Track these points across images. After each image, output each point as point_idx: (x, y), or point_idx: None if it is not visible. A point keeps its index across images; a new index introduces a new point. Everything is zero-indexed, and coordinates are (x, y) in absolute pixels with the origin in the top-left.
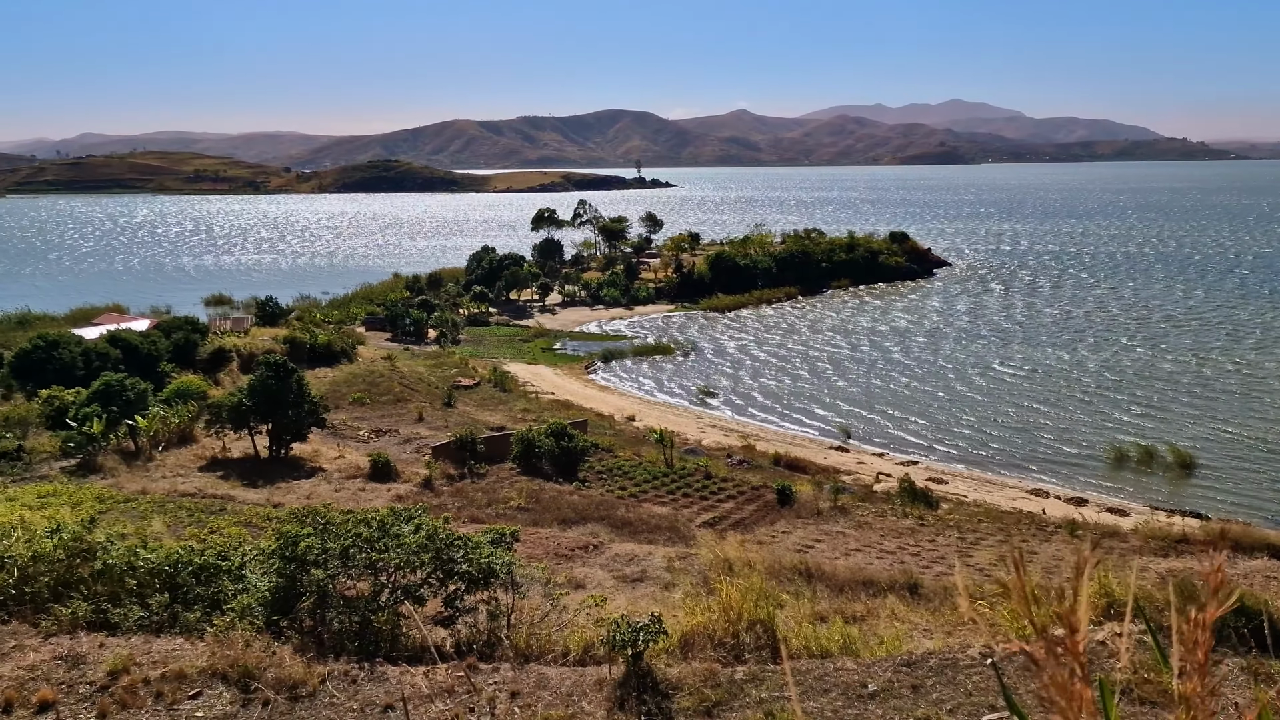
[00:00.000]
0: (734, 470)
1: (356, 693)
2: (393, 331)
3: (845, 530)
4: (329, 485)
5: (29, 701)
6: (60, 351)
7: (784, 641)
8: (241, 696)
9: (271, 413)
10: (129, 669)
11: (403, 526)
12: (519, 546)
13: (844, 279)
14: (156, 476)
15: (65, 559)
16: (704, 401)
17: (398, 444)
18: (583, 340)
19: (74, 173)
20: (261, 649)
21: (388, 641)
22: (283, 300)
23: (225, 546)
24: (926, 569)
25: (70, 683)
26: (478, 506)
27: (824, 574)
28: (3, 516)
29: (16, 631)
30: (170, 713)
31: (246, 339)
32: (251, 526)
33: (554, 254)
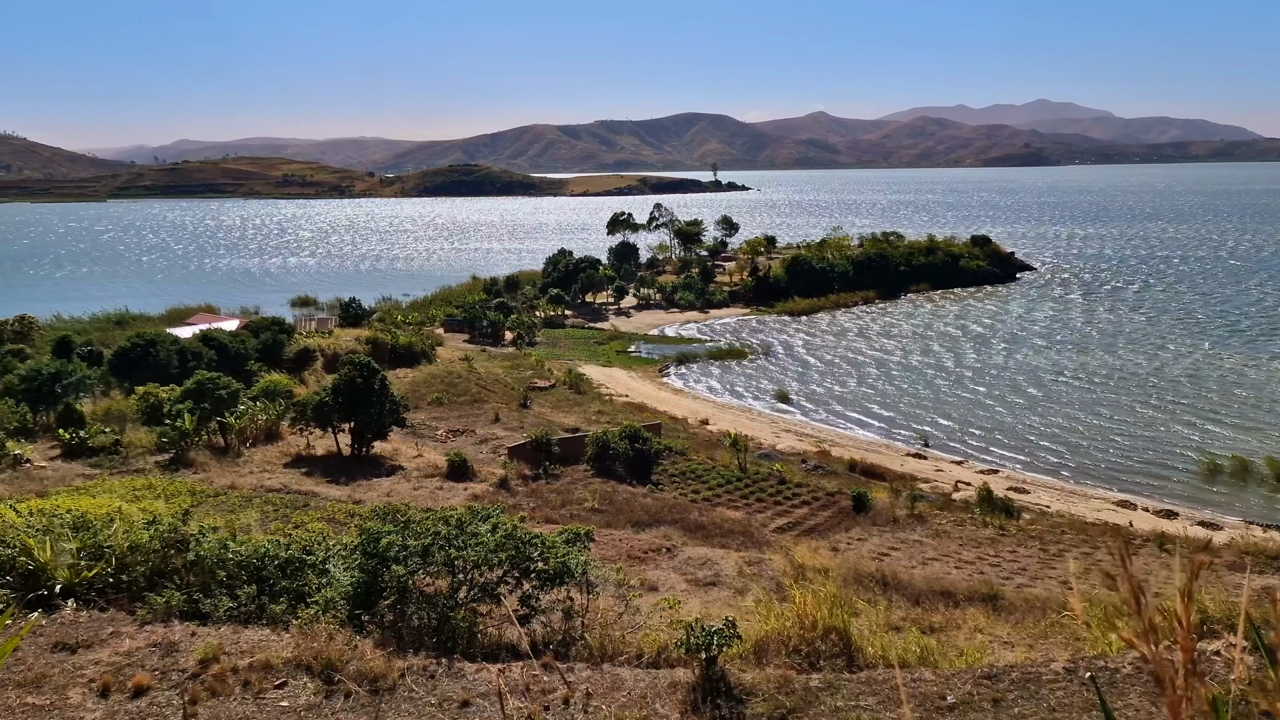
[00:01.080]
0: (808, 476)
1: (434, 688)
2: (471, 333)
3: (922, 539)
4: (408, 483)
5: (125, 686)
6: (156, 350)
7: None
8: (324, 688)
9: (354, 411)
10: (218, 658)
11: (480, 525)
12: (593, 547)
13: (923, 283)
14: (245, 472)
15: (160, 550)
16: (779, 406)
17: (474, 444)
18: (657, 343)
19: (170, 178)
20: (344, 642)
21: (465, 638)
22: (365, 302)
23: (310, 541)
24: (1007, 580)
25: (164, 669)
26: (552, 507)
27: (900, 583)
28: (102, 507)
29: (114, 619)
30: (257, 701)
31: (330, 339)
32: (334, 522)
33: (629, 257)
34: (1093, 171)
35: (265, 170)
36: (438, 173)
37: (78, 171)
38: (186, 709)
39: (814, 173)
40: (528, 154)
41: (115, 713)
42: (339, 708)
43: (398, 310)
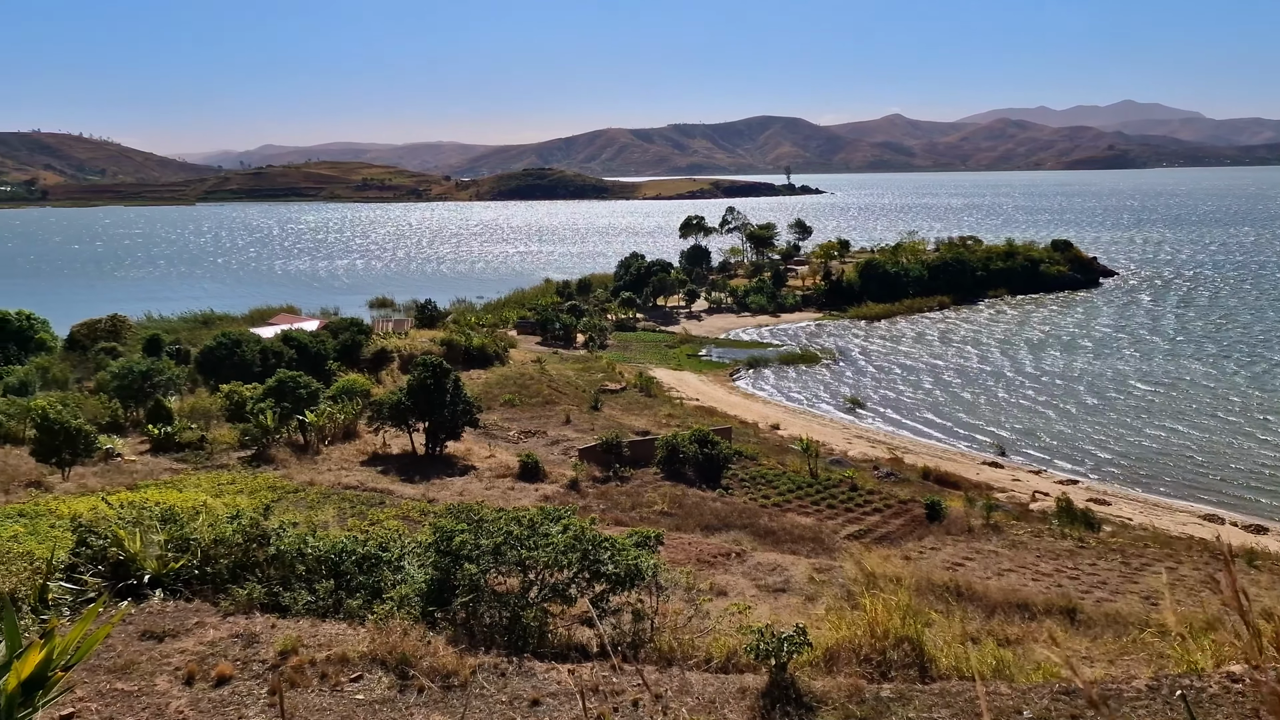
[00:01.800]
0: (881, 483)
1: (505, 685)
2: (543, 335)
3: (998, 549)
4: (480, 483)
5: (209, 675)
6: (240, 349)
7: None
8: (399, 682)
9: (428, 411)
10: (297, 650)
11: (552, 526)
12: (662, 551)
13: (1001, 288)
14: (323, 469)
15: (243, 543)
16: (851, 411)
17: (545, 445)
18: (728, 347)
19: (255, 182)
20: (418, 638)
21: (536, 637)
22: (441, 303)
23: (385, 538)
24: (1086, 594)
25: (245, 660)
26: (622, 509)
27: (975, 594)
28: (188, 501)
29: (199, 609)
30: (334, 694)
31: (406, 340)
32: (408, 520)
33: (701, 261)
34: (1180, 174)
35: (345, 174)
36: (512, 176)
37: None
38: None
39: (889, 176)
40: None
41: (199, 700)
42: (412, 702)
43: (472, 312)
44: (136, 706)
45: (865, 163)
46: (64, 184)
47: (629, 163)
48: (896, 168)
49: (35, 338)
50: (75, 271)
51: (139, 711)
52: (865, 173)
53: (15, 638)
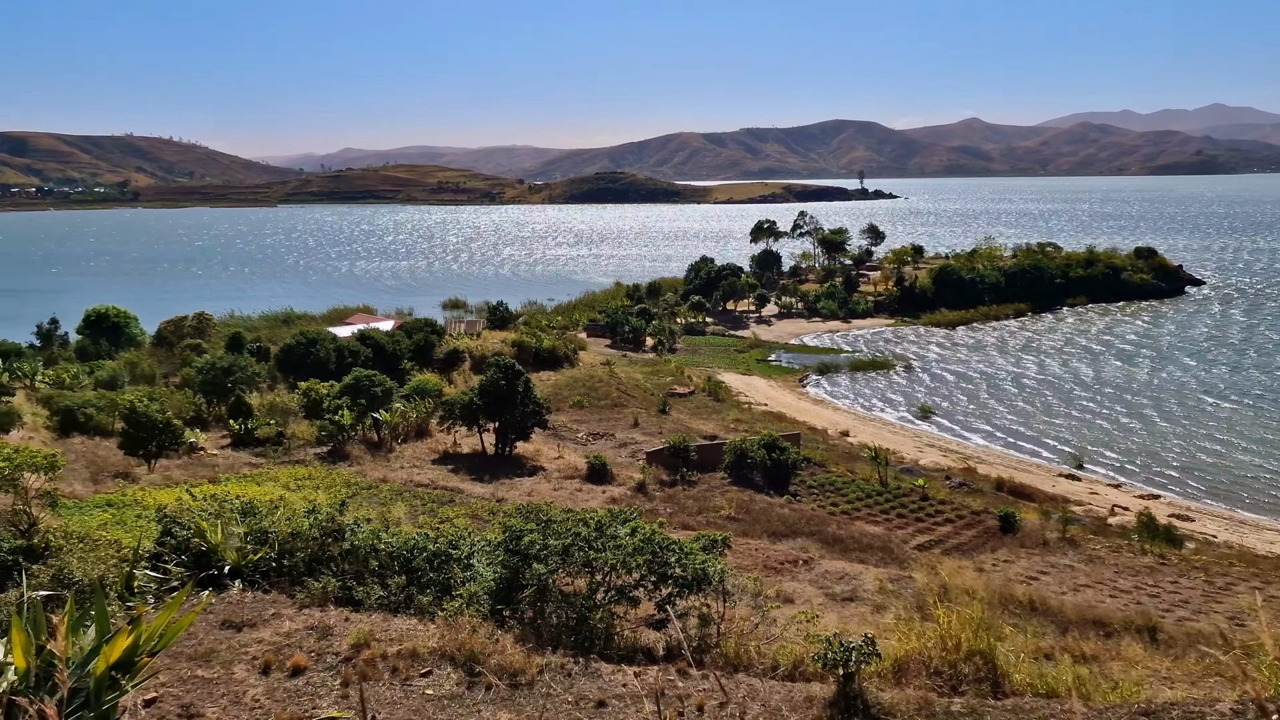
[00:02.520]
0: (952, 493)
1: (571, 686)
2: (612, 338)
3: (1074, 564)
4: (548, 484)
5: (284, 665)
6: (317, 348)
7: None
8: (467, 679)
9: (499, 412)
10: (369, 643)
11: (619, 528)
12: (729, 555)
13: (1080, 296)
14: (396, 466)
15: (319, 538)
16: (922, 420)
17: (613, 447)
18: (798, 352)
19: (335, 184)
20: (486, 635)
21: (602, 639)
22: (512, 305)
23: (455, 536)
24: (1167, 612)
25: (319, 652)
26: (689, 513)
27: (1049, 609)
28: (267, 495)
29: (276, 601)
30: (404, 688)
31: (478, 341)
32: (477, 519)
33: (772, 265)
34: (1272, 180)
35: (421, 177)
36: (584, 180)
37: (252, 178)
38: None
39: (965, 181)
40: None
41: (275, 690)
42: (480, 699)
43: (542, 314)
44: (215, 693)
45: (941, 167)
46: (154, 186)
47: (700, 166)
48: (973, 173)
49: (127, 333)
50: (164, 271)
51: (218, 699)
52: (940, 177)
53: (105, 623)
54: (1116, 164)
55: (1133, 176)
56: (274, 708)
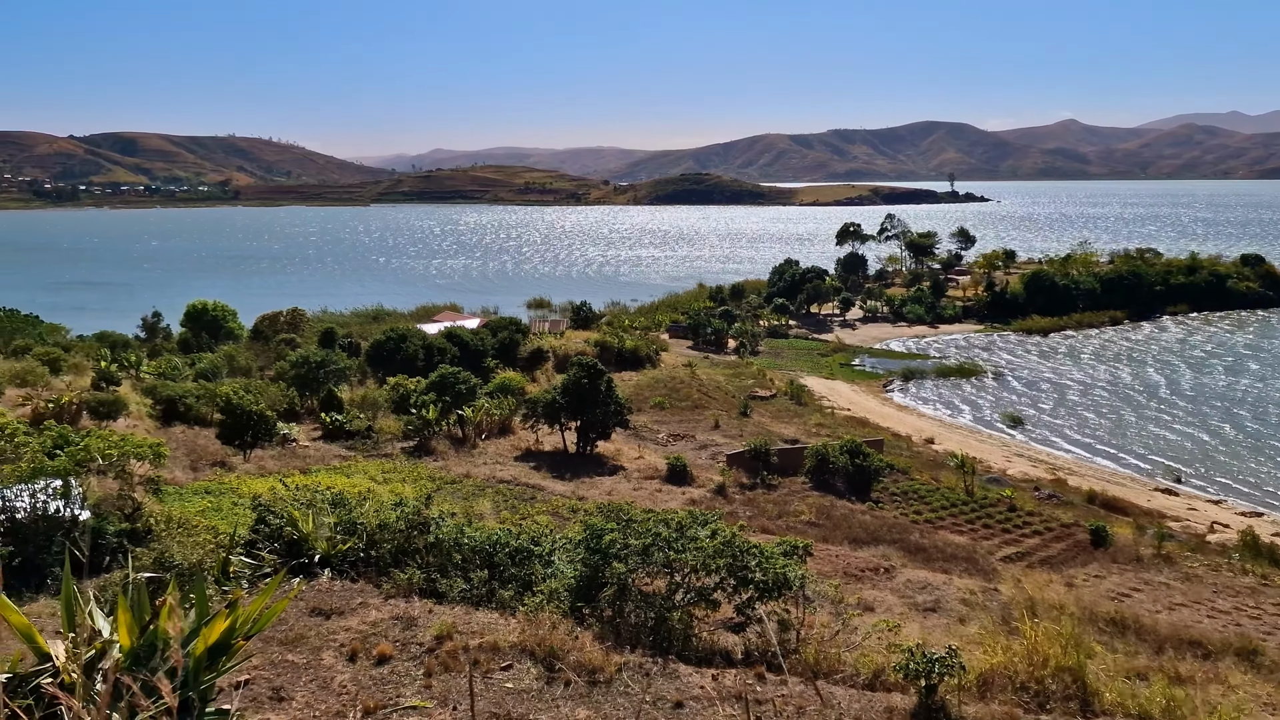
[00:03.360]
0: (1041, 504)
1: (649, 685)
2: (694, 340)
3: (1169, 581)
4: (628, 484)
5: (370, 654)
6: (406, 344)
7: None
8: (546, 674)
9: (581, 411)
10: (451, 636)
11: (699, 530)
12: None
13: (1181, 304)
14: (479, 462)
15: (405, 530)
16: (1011, 428)
17: (694, 449)
18: (882, 357)
19: (425, 184)
20: (565, 632)
21: (680, 640)
22: (595, 305)
23: (537, 533)
24: (1269, 635)
25: (404, 642)
26: (768, 517)
27: (1142, 627)
28: (355, 487)
29: (363, 590)
30: (485, 680)
31: (561, 340)
32: (558, 516)
33: (857, 269)
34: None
35: (509, 178)
36: (669, 181)
37: (346, 178)
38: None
39: (1060, 184)
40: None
41: (360, 677)
42: (558, 695)
43: (625, 315)
44: (304, 678)
45: (1035, 170)
46: (253, 184)
47: (786, 168)
48: (1069, 175)
49: (226, 327)
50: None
51: (306, 683)
52: (1034, 180)
53: (204, 606)
54: (1222, 167)
55: (1240, 180)
56: (359, 694)
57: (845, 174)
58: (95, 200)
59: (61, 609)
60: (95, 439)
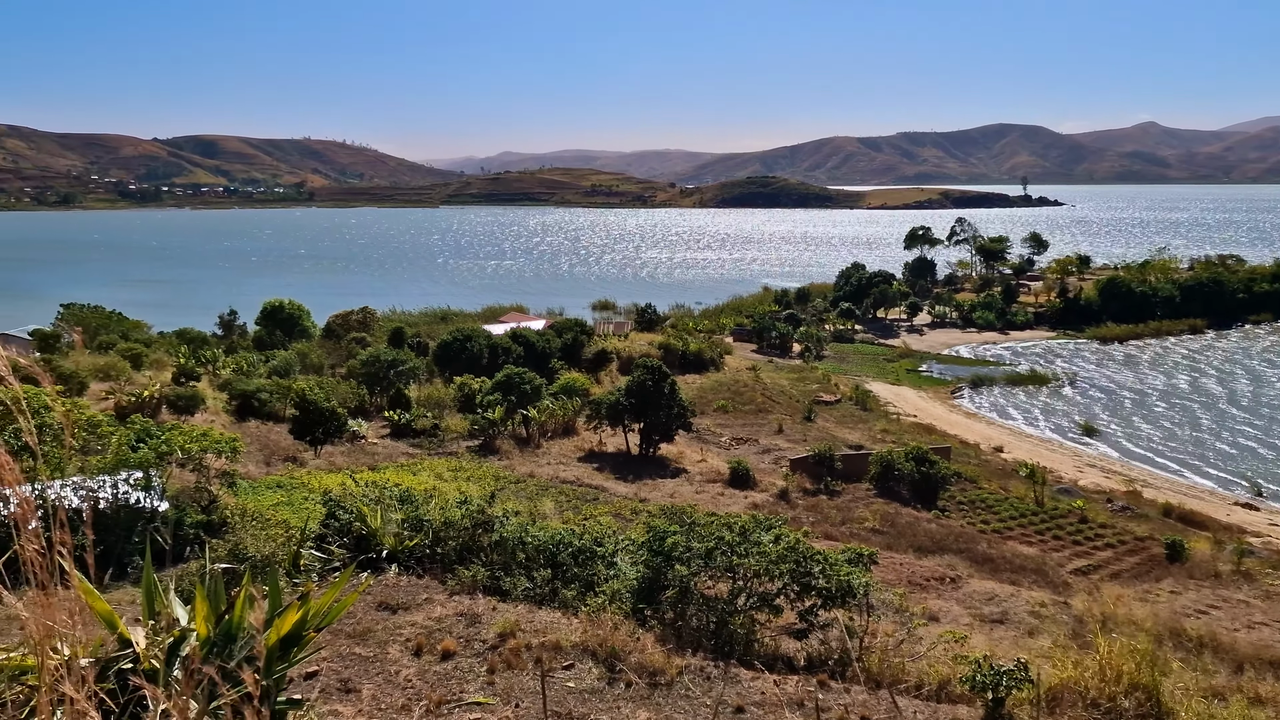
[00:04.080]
0: (1114, 516)
1: (710, 689)
2: (759, 343)
3: (1249, 599)
4: (690, 486)
5: (435, 649)
6: (472, 344)
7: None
8: (607, 675)
9: (644, 413)
10: (514, 633)
11: (763, 535)
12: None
13: (1265, 313)
14: (543, 462)
15: (470, 528)
16: (1084, 438)
17: (756, 453)
18: (950, 363)
19: (493, 186)
20: (627, 633)
21: (742, 644)
22: (660, 308)
23: (600, 533)
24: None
25: (468, 638)
26: (832, 523)
27: (1220, 645)
28: (422, 485)
29: (428, 586)
30: (547, 679)
31: (625, 342)
32: (620, 517)
33: (925, 273)
34: None
35: (576, 180)
36: (735, 184)
37: (417, 180)
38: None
39: (1138, 188)
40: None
41: (425, 672)
42: (619, 695)
43: (690, 317)
44: (371, 670)
45: (1111, 173)
46: (328, 186)
47: (854, 171)
48: (1147, 179)
49: (299, 325)
50: (337, 267)
51: (373, 676)
52: (1111, 184)
53: (277, 598)
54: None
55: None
56: (424, 688)
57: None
58: (177, 201)
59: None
60: (175, 433)
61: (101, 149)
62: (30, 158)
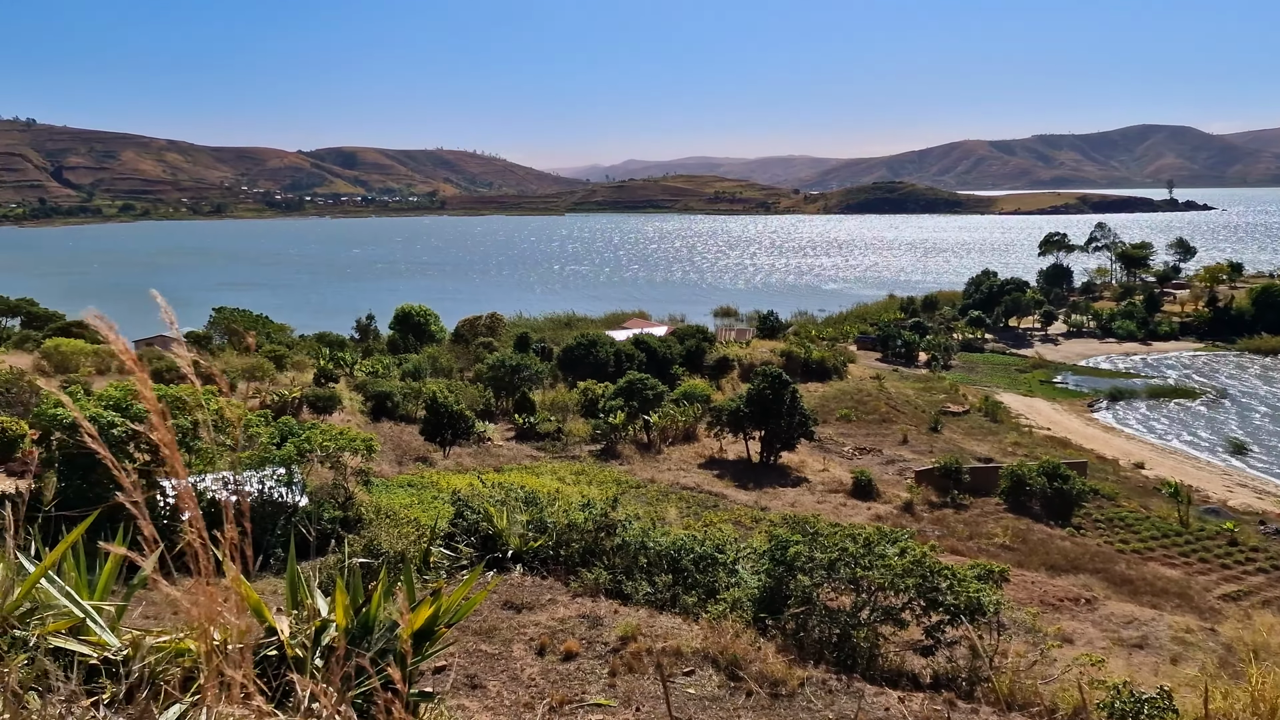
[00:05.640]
0: (1268, 539)
1: (832, 703)
2: (883, 352)
3: None
4: (811, 496)
5: (557, 649)
6: (595, 350)
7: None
8: (728, 683)
9: (765, 420)
10: (635, 637)
11: (888, 547)
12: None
13: None
14: (663, 468)
15: (593, 531)
16: (1234, 456)
17: (880, 464)
18: (1087, 375)
19: (617, 194)
20: (748, 642)
21: (865, 658)
22: (782, 315)
23: (722, 540)
24: None
25: (590, 640)
26: (958, 538)
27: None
28: (545, 487)
29: (552, 587)
30: (667, 684)
31: (747, 349)
32: (740, 525)
33: (1061, 281)
34: None
35: (699, 188)
36: (860, 190)
37: (544, 188)
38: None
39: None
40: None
41: (548, 671)
42: (740, 704)
43: (812, 325)
44: (496, 668)
45: (1267, 176)
46: (458, 195)
47: (986, 176)
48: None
49: (429, 329)
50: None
51: (498, 673)
52: (1266, 187)
53: (412, 593)
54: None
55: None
56: (547, 687)
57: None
58: (318, 210)
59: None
60: (316, 432)
61: (251, 161)
62: (187, 170)
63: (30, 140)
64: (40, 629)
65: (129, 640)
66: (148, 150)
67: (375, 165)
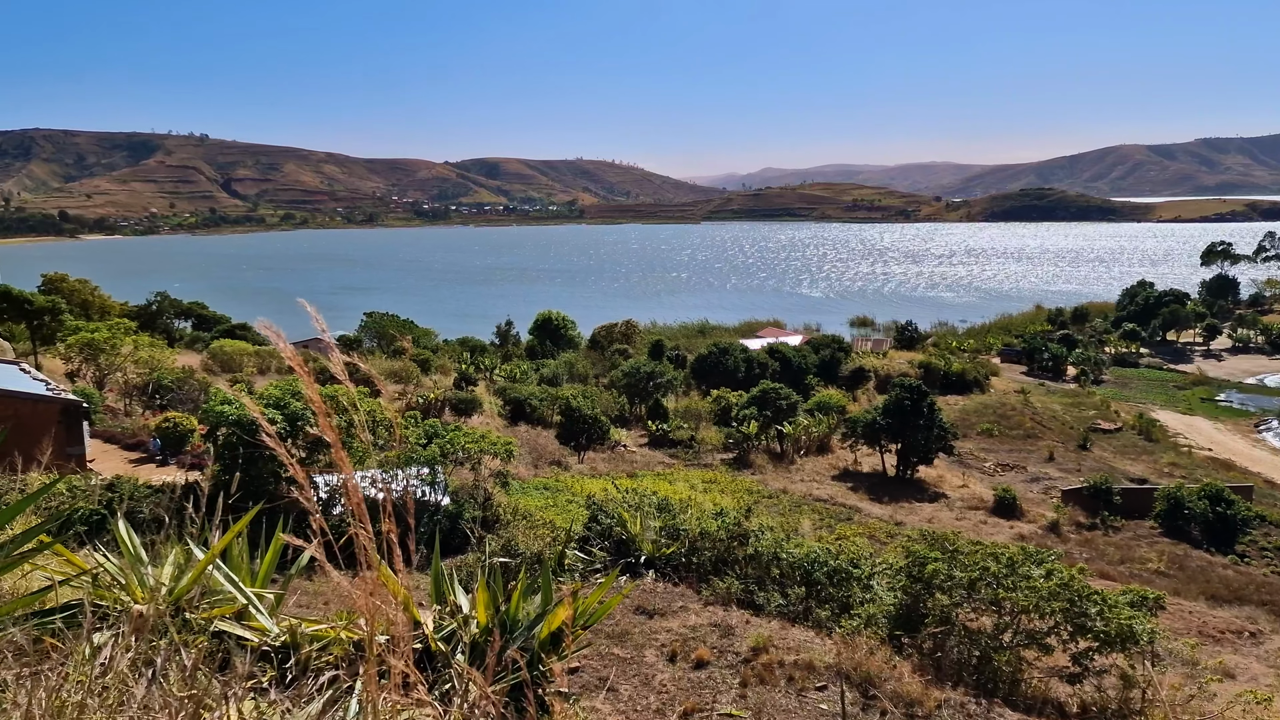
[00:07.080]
0: None
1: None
2: (1029, 365)
3: None
4: (950, 512)
5: (689, 657)
6: (729, 358)
7: None
8: (861, 700)
9: (902, 433)
10: (767, 649)
11: (1033, 569)
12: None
13: None
14: (796, 479)
15: (725, 540)
16: None
17: (1024, 481)
18: (1255, 393)
19: (754, 202)
20: (883, 660)
21: (1007, 684)
22: (921, 325)
23: (856, 554)
24: None
25: (721, 649)
26: (1108, 562)
27: None
28: (677, 494)
29: (684, 594)
30: (799, 698)
31: (884, 360)
32: (874, 539)
33: (1226, 293)
34: None
35: (837, 195)
36: (1006, 197)
37: (680, 197)
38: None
39: None
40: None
41: (679, 679)
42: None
43: (953, 336)
44: (628, 672)
45: None
46: (596, 204)
47: (1143, 182)
48: None
49: (566, 335)
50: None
51: (630, 677)
52: None
53: (549, 594)
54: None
55: None
56: (678, 695)
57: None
58: (463, 218)
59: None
60: (458, 433)
61: (401, 172)
62: (343, 181)
63: (204, 154)
64: (208, 613)
65: (285, 627)
66: (307, 162)
67: (517, 175)
